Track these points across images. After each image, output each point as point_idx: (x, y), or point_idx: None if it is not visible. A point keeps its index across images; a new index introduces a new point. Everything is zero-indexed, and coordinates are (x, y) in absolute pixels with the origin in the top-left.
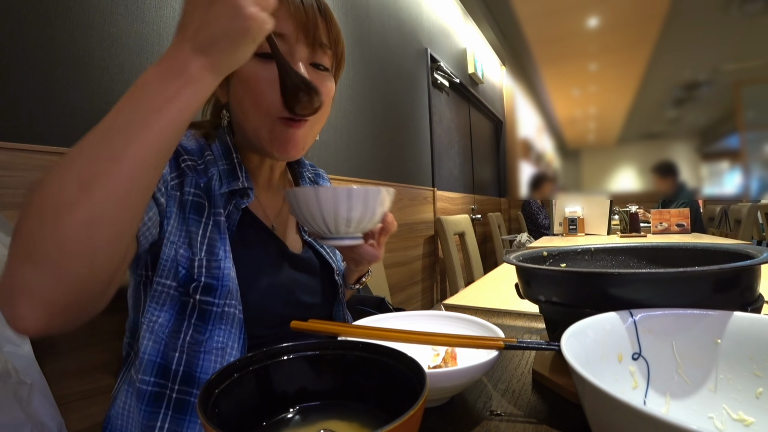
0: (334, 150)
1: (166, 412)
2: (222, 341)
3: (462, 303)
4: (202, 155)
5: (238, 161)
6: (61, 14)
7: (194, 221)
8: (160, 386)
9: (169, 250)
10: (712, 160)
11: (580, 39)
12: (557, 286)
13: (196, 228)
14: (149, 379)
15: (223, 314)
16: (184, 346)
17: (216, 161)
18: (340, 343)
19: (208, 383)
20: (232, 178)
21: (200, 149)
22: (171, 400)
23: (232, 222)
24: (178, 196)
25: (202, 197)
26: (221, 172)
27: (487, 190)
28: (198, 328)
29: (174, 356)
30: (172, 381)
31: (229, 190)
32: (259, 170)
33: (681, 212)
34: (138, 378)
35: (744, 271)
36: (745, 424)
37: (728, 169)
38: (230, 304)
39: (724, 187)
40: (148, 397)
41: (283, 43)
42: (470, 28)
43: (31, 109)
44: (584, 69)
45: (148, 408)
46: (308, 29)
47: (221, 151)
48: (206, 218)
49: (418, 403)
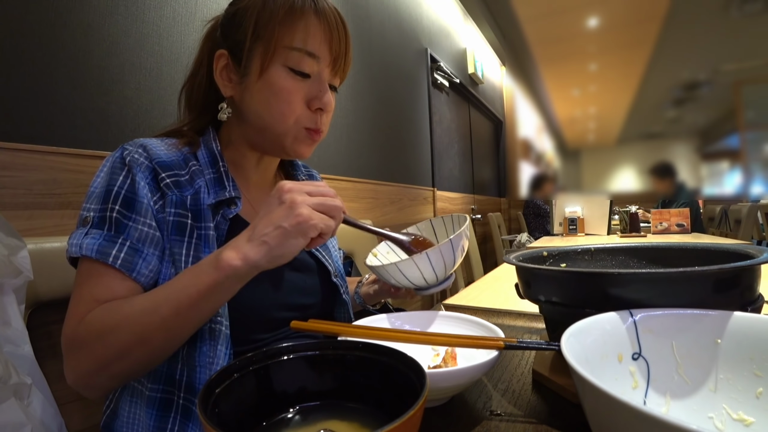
0: (334, 150)
1: (175, 417)
2: (210, 357)
3: (462, 303)
4: (186, 165)
5: (224, 170)
6: (61, 14)
7: (176, 242)
8: (168, 393)
9: (166, 269)
10: (712, 160)
11: (580, 39)
12: (557, 286)
13: (179, 248)
14: (158, 387)
15: (210, 331)
16: (183, 358)
17: (203, 170)
18: (340, 343)
19: (208, 383)
20: (219, 188)
21: (183, 159)
22: (179, 406)
23: (221, 232)
24: (163, 217)
25: (184, 215)
26: (208, 182)
27: (487, 190)
28: (190, 343)
29: (177, 367)
30: (178, 389)
31: (216, 201)
32: (254, 169)
33: (681, 212)
34: (147, 387)
35: (744, 271)
36: (745, 424)
37: (728, 169)
38: (216, 320)
39: (724, 187)
40: (158, 403)
41: (316, 64)
42: (470, 28)
43: (31, 109)
44: (584, 69)
45: (159, 413)
46: (338, 60)
47: (207, 159)
48: (189, 237)
49: (418, 403)
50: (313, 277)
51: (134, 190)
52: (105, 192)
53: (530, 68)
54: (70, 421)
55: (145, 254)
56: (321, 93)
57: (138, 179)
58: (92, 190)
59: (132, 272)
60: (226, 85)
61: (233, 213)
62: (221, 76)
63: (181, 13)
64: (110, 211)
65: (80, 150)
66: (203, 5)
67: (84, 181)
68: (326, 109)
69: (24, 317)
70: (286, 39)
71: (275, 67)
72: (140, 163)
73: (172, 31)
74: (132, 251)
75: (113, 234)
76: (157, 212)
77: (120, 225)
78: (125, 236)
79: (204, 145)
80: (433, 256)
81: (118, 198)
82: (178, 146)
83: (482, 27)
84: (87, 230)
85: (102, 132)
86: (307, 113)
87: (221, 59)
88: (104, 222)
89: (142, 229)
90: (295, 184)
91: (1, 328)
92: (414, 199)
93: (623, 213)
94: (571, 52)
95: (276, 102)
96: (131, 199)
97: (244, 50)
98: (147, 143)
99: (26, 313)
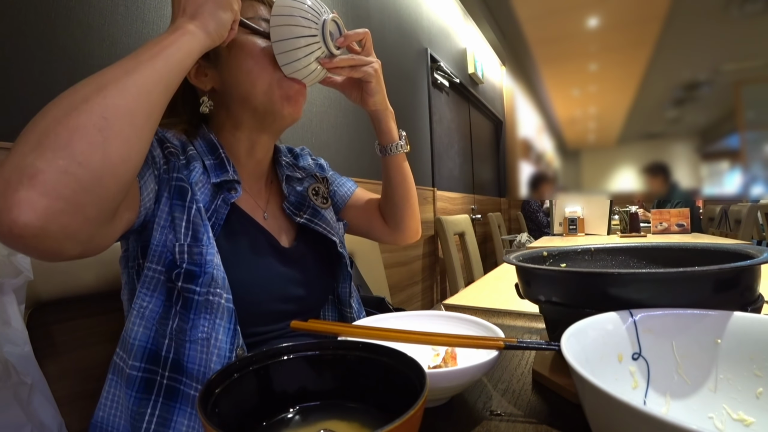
0: (334, 150)
1: (156, 399)
2: (206, 331)
3: (462, 303)
4: (184, 151)
5: (225, 156)
6: (61, 14)
7: (178, 206)
8: (150, 372)
9: (160, 235)
10: (712, 160)
11: (580, 39)
12: (557, 286)
13: (180, 213)
14: (139, 365)
15: (207, 303)
16: (172, 333)
17: (200, 156)
18: (340, 343)
19: (208, 383)
20: (220, 171)
21: (182, 146)
22: (162, 386)
23: (220, 216)
24: (167, 180)
25: (184, 181)
26: (208, 167)
27: (487, 190)
28: (182, 316)
29: (164, 343)
30: (162, 367)
31: (219, 180)
32: (247, 156)
33: (681, 212)
34: (128, 364)
35: (744, 271)
36: (745, 424)
37: (728, 169)
38: (214, 292)
39: (724, 187)
40: (138, 383)
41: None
42: (470, 28)
43: (31, 109)
44: (584, 69)
45: (138, 395)
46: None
47: (205, 148)
48: (189, 202)
49: (418, 403)
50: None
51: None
52: None
53: (530, 68)
54: (70, 421)
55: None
56: None
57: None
58: None
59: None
60: (204, 80)
61: (233, 198)
62: (197, 77)
63: None
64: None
65: None
66: None
67: None
68: None
69: (24, 317)
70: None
71: (238, 35)
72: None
73: None
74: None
75: None
76: (163, 172)
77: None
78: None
79: (200, 137)
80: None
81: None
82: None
83: (482, 27)
84: None
85: None
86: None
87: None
88: None
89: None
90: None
91: (1, 328)
92: None
93: (623, 213)
94: (571, 52)
95: (250, 58)
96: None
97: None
98: None
99: (26, 313)
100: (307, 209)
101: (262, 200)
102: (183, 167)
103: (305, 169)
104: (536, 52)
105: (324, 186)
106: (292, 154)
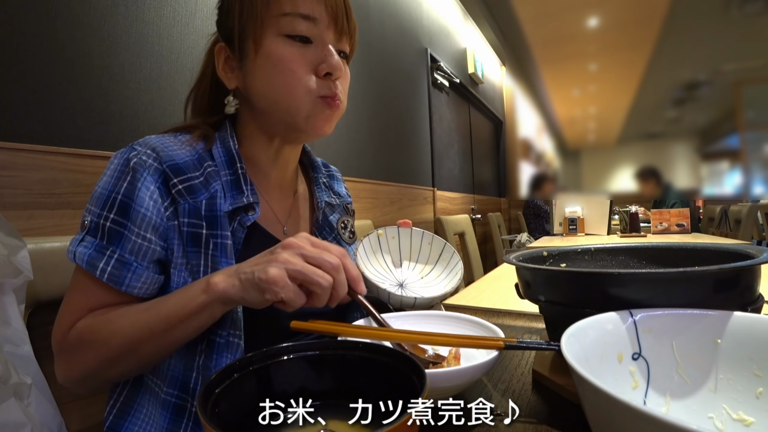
0: (334, 150)
1: (187, 423)
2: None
3: (462, 303)
4: (200, 166)
5: (242, 172)
6: (61, 14)
7: (193, 253)
8: (182, 399)
9: (177, 278)
10: (712, 160)
11: (580, 39)
12: (557, 286)
13: (197, 260)
14: (173, 392)
15: (228, 345)
16: (199, 368)
17: (219, 171)
18: (340, 343)
19: (208, 383)
20: (236, 192)
21: (198, 159)
22: (191, 413)
23: (238, 240)
24: (176, 225)
25: (198, 225)
26: (224, 184)
27: (487, 190)
28: (207, 354)
29: (191, 375)
30: (192, 396)
31: (233, 208)
32: (272, 165)
33: (681, 212)
34: (163, 390)
35: (744, 271)
36: (745, 424)
37: (728, 169)
38: (234, 334)
39: (724, 187)
40: (172, 407)
41: (315, 27)
42: (470, 28)
43: (31, 109)
44: (584, 69)
45: (172, 417)
46: (338, 17)
47: (224, 159)
48: (205, 248)
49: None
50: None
51: (132, 197)
52: (104, 196)
53: (530, 68)
54: (70, 421)
55: (135, 267)
56: (326, 56)
57: (140, 185)
58: (95, 191)
59: (120, 286)
60: (230, 77)
61: (251, 220)
62: (224, 70)
63: (181, 13)
64: (104, 219)
65: (80, 150)
66: (203, 5)
67: (84, 181)
68: (336, 73)
69: (24, 317)
70: (274, 7)
71: (269, 39)
72: (148, 166)
73: (172, 31)
74: (120, 264)
75: (104, 245)
76: (167, 219)
77: (112, 235)
78: (115, 247)
79: (220, 143)
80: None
81: (114, 205)
82: (191, 143)
83: (482, 27)
84: (83, 236)
85: (102, 132)
86: (317, 81)
87: (221, 53)
88: (98, 230)
89: (135, 240)
90: (300, 239)
91: (1, 328)
92: (414, 199)
93: (623, 213)
94: (571, 53)
95: (277, 74)
96: (127, 207)
97: (235, 32)
98: (158, 144)
99: (26, 313)
100: (333, 241)
101: (284, 212)
102: (201, 188)
103: (340, 196)
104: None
105: (353, 220)
106: (327, 171)
